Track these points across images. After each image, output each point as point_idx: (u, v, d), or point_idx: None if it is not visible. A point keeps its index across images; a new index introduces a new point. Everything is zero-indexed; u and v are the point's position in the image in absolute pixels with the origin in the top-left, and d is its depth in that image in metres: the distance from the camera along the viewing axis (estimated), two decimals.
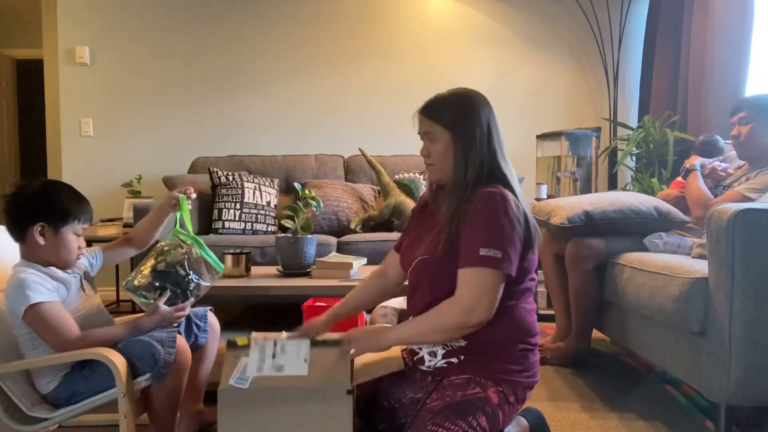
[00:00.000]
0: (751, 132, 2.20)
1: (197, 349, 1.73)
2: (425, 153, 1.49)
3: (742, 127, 2.22)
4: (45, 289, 1.45)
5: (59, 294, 1.50)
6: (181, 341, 1.54)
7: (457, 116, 1.45)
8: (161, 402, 1.55)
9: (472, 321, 1.33)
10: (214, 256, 1.72)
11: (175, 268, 1.62)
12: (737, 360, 1.55)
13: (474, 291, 1.33)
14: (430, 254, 1.43)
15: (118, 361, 1.43)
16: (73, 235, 1.55)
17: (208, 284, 1.69)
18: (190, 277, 1.64)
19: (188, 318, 1.72)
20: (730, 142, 2.40)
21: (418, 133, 1.49)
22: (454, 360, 1.43)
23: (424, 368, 1.48)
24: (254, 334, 1.47)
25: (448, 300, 1.36)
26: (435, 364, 1.46)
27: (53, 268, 1.52)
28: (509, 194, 1.38)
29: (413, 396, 1.49)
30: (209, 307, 1.81)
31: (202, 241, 1.70)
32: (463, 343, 1.41)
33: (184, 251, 1.65)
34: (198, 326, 1.74)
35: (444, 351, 1.44)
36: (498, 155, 1.45)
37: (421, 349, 1.49)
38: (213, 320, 1.80)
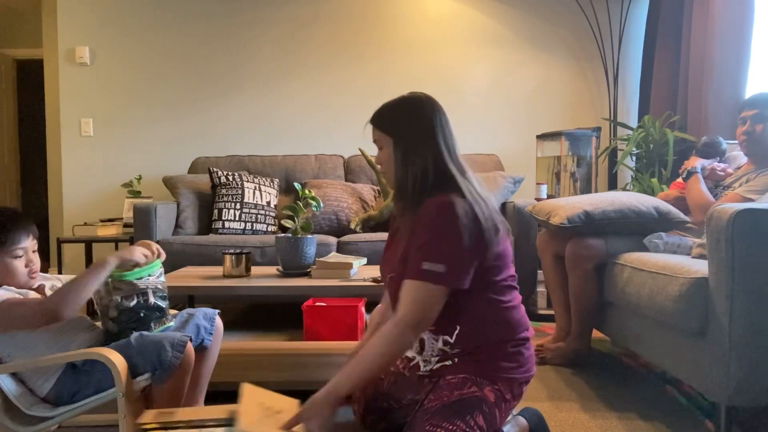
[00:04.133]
0: (765, 130, 2.20)
1: (202, 350, 1.73)
2: (378, 161, 1.50)
3: (757, 124, 2.22)
4: None
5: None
6: (188, 345, 1.54)
7: (397, 121, 1.45)
8: (162, 402, 1.54)
9: (418, 334, 1.35)
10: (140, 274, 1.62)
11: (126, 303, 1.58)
12: (737, 360, 1.55)
13: (417, 306, 1.32)
14: (396, 271, 1.43)
15: (117, 360, 1.43)
16: (12, 260, 1.50)
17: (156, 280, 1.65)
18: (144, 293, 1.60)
19: (198, 319, 1.73)
20: (734, 142, 2.39)
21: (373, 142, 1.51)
22: (449, 362, 1.43)
23: (420, 373, 1.49)
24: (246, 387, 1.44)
25: (390, 321, 1.35)
26: (431, 368, 1.46)
27: (5, 287, 1.51)
28: (458, 201, 1.34)
29: (413, 397, 1.49)
30: (217, 311, 1.81)
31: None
32: (455, 350, 1.42)
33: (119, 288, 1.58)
34: (206, 328, 1.74)
35: (437, 357, 1.45)
36: (446, 158, 1.41)
37: (414, 356, 1.49)
38: (218, 322, 1.80)
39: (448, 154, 1.42)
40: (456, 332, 1.41)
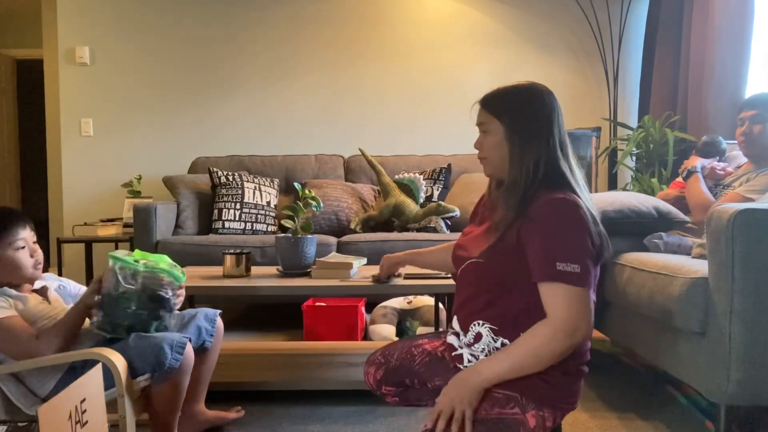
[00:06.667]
0: (762, 131, 2.20)
1: (203, 351, 1.73)
2: (477, 146, 1.39)
3: (755, 125, 2.22)
4: None
5: (16, 308, 1.49)
6: (188, 346, 1.54)
7: (513, 109, 1.35)
8: (162, 402, 1.55)
9: (577, 340, 1.23)
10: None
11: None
12: (737, 360, 1.55)
13: (572, 309, 1.21)
14: (485, 258, 1.31)
15: (117, 361, 1.43)
16: (15, 252, 1.52)
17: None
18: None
19: (199, 320, 1.73)
20: (733, 141, 2.39)
21: (476, 125, 1.41)
22: None
23: (462, 367, 1.37)
24: None
25: (542, 324, 1.23)
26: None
27: (6, 289, 1.51)
28: (580, 201, 1.26)
29: (441, 384, 1.36)
30: (219, 311, 1.81)
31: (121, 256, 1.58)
32: None
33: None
34: (207, 330, 1.74)
35: (485, 356, 1.33)
36: (559, 155, 1.33)
37: (461, 347, 1.39)
38: (219, 323, 1.80)
39: (562, 153, 1.34)
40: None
